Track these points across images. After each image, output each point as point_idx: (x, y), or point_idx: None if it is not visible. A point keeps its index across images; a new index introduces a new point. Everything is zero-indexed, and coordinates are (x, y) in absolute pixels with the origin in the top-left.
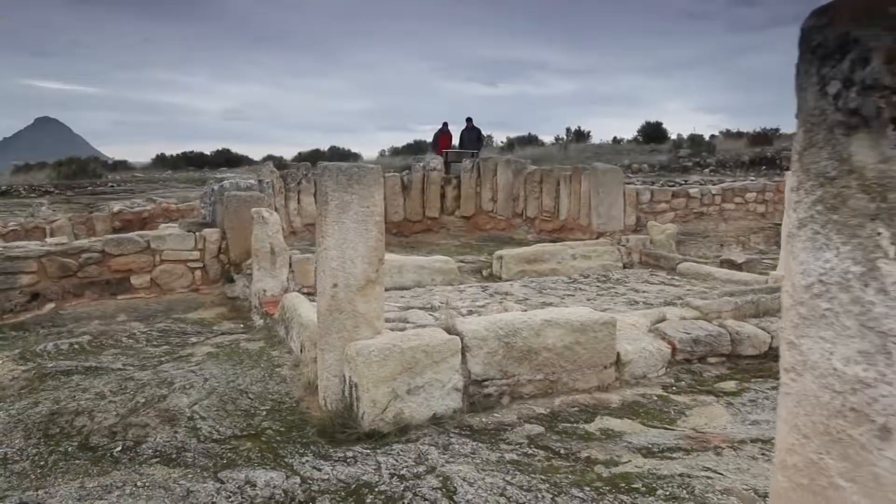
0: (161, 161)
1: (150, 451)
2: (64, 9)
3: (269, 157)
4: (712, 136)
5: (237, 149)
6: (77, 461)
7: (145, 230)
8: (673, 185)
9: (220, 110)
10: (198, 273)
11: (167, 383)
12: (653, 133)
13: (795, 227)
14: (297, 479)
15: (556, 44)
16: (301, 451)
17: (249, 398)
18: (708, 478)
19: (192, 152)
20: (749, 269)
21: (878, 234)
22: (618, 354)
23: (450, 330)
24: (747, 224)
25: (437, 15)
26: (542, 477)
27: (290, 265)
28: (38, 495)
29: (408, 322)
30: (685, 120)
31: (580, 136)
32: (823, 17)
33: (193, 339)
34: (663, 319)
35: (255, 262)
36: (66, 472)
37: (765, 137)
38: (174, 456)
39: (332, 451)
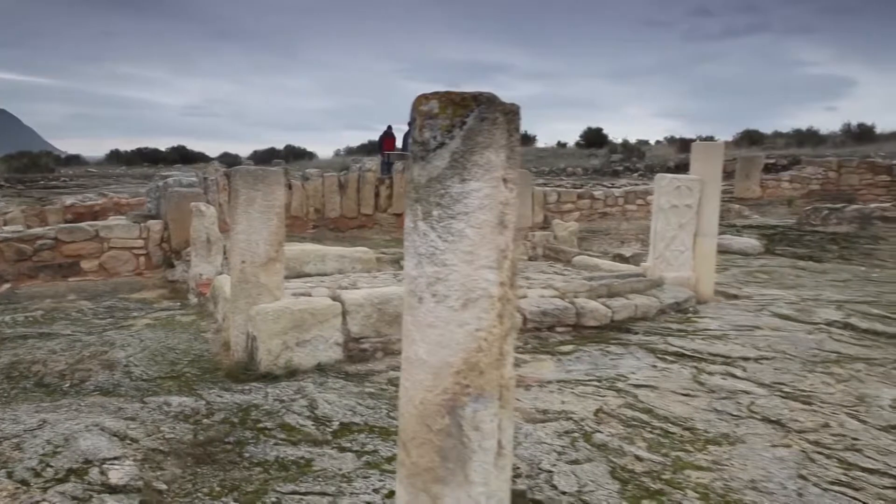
0: (115, 156)
1: (92, 386)
2: None
3: (226, 155)
4: (658, 142)
5: (196, 145)
6: (34, 394)
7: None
8: (596, 188)
9: (180, 106)
10: (142, 259)
11: (109, 343)
12: (594, 138)
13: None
14: (203, 402)
15: (520, 47)
16: (210, 387)
17: (176, 353)
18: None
19: (146, 148)
20: (634, 262)
21: (416, 208)
22: None
23: (334, 298)
24: (647, 223)
25: (401, 16)
26: (387, 401)
27: (224, 252)
28: (4, 411)
29: (310, 295)
30: (647, 125)
31: (526, 139)
32: (413, 106)
33: (135, 314)
34: (524, 297)
35: (193, 249)
36: (25, 400)
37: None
38: (111, 389)
39: (234, 386)
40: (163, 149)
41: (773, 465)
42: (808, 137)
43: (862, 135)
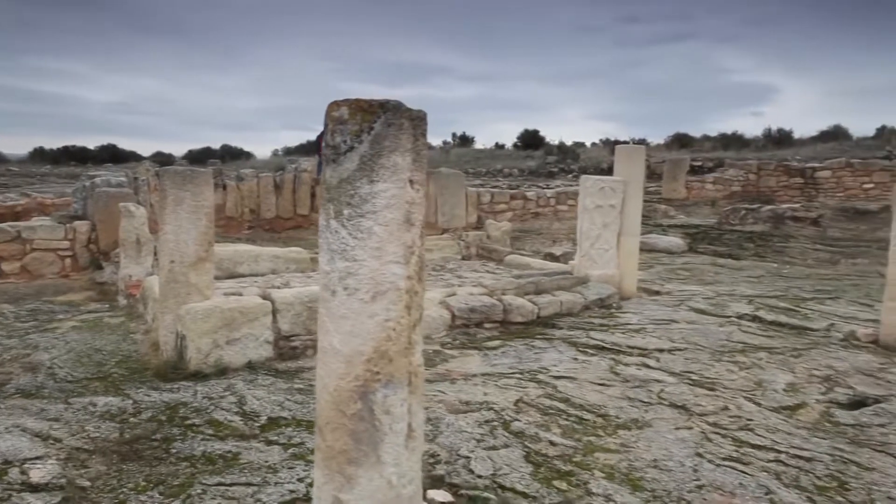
0: (39, 155)
1: (13, 389)
2: None
3: (159, 154)
4: (593, 144)
5: (128, 144)
6: None
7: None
8: (530, 189)
9: (111, 103)
10: (68, 261)
11: (32, 346)
12: (530, 140)
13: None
14: (131, 402)
15: (459, 50)
16: (138, 386)
17: (103, 354)
18: (435, 395)
19: (73, 146)
20: (564, 260)
21: (329, 208)
22: None
23: (265, 297)
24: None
25: (341, 16)
26: (315, 396)
27: (155, 253)
28: None
29: (241, 295)
30: (583, 127)
31: (465, 140)
32: (326, 112)
33: (60, 316)
34: (453, 294)
35: (123, 251)
36: None
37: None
38: (33, 392)
39: (162, 385)
40: (91, 147)
41: (674, 445)
42: (732, 141)
43: (781, 139)
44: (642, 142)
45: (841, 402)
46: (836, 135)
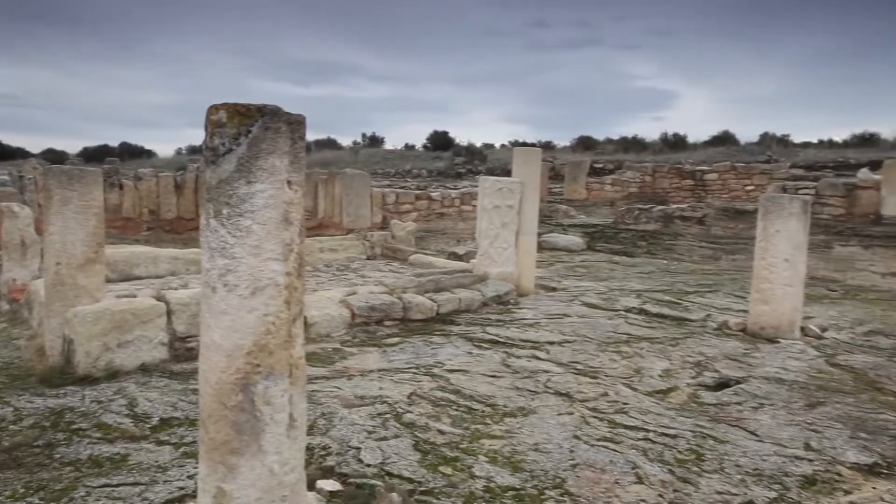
0: None
1: None
2: None
3: (50, 151)
4: (503, 146)
5: (14, 140)
6: None
7: None
8: (435, 190)
9: None
10: None
11: None
12: (440, 141)
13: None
14: (11, 409)
15: (370, 50)
16: (20, 393)
17: None
18: (331, 391)
19: None
20: (467, 259)
21: (209, 207)
22: (304, 318)
23: (159, 298)
24: None
25: (248, 9)
26: None
27: (42, 255)
28: None
29: (135, 296)
30: (493, 130)
31: (375, 141)
32: (206, 115)
33: None
34: (354, 293)
35: (6, 253)
36: None
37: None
38: None
39: (47, 391)
40: None
41: (555, 429)
42: (633, 144)
43: (676, 143)
44: (549, 144)
45: (707, 384)
46: (724, 140)
